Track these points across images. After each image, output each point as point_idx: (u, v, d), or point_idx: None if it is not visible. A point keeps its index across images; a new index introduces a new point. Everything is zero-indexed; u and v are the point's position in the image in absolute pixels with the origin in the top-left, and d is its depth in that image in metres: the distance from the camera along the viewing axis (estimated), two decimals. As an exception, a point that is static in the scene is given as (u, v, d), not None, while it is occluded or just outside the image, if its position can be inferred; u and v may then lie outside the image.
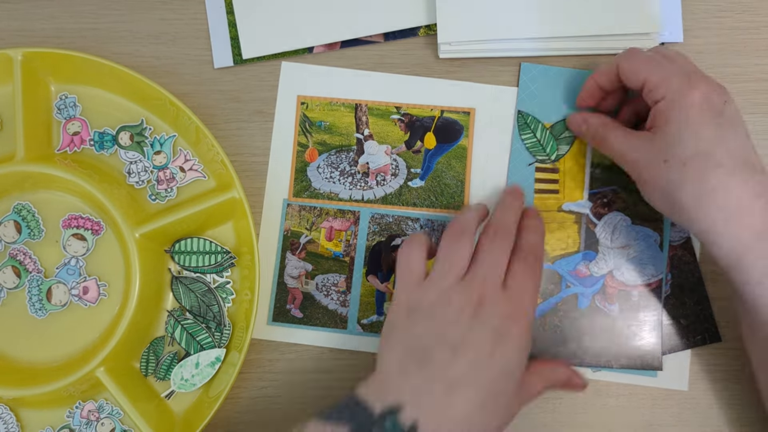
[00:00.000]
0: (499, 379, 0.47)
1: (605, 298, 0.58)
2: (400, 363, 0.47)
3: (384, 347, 0.49)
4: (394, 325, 0.50)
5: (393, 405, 0.45)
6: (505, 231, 0.52)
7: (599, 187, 0.59)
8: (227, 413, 0.58)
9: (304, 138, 0.60)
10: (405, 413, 0.45)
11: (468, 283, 0.49)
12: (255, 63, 0.61)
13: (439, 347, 0.47)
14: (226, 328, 0.57)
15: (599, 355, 0.57)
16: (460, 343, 0.47)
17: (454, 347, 0.47)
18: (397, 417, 0.45)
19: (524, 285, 0.50)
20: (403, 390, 0.46)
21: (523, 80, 0.60)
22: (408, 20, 0.60)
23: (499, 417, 0.48)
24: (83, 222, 0.58)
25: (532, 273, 0.51)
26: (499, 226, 0.52)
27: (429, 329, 0.48)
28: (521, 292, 0.50)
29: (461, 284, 0.49)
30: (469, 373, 0.46)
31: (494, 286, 0.49)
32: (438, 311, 0.48)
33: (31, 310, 0.57)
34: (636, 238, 0.58)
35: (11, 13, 0.61)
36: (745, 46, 0.60)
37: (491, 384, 0.47)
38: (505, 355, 0.47)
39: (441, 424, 0.45)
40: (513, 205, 0.54)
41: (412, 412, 0.45)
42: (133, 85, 0.58)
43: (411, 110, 0.60)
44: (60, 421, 0.57)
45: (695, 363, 0.58)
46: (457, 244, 0.51)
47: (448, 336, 0.47)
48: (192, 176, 0.59)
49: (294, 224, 0.60)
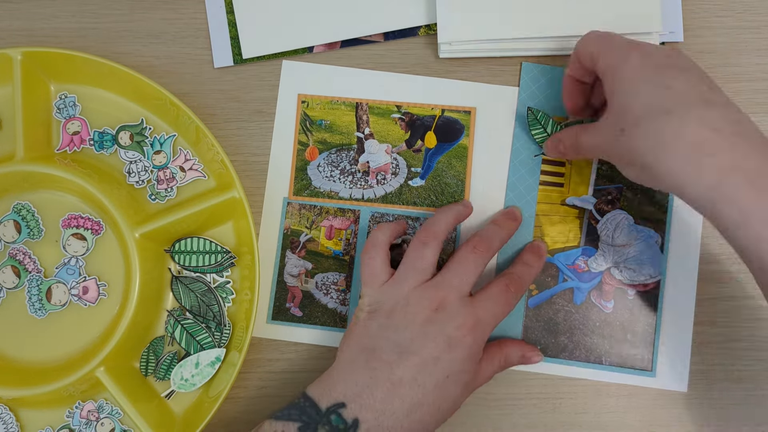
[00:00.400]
0: (442, 383, 0.49)
1: (601, 295, 0.58)
2: (351, 361, 0.50)
3: (342, 345, 0.52)
4: (354, 324, 0.52)
5: (338, 401, 0.48)
6: (485, 246, 0.53)
7: (605, 184, 0.59)
8: (227, 413, 0.58)
9: (304, 136, 0.60)
10: (348, 409, 0.48)
11: (429, 288, 0.51)
12: (255, 62, 0.61)
13: (387, 349, 0.49)
14: (226, 328, 0.57)
15: (590, 351, 0.58)
16: (408, 346, 0.49)
17: (401, 350, 0.49)
18: (341, 413, 0.48)
19: (492, 307, 0.52)
20: (348, 387, 0.49)
21: (524, 80, 0.59)
22: (408, 20, 0.60)
23: (440, 413, 0.50)
24: (83, 222, 0.58)
25: (506, 302, 0.52)
26: (481, 241, 0.53)
27: (382, 330, 0.50)
28: (486, 311, 0.51)
29: (422, 288, 0.51)
30: (412, 375, 0.49)
31: (458, 294, 0.51)
32: (395, 313, 0.50)
33: (31, 310, 0.57)
34: (637, 237, 0.58)
35: (12, 13, 0.61)
36: (746, 45, 0.60)
37: (434, 388, 0.49)
38: (452, 362, 0.49)
39: (381, 421, 0.48)
40: (504, 225, 0.56)
41: (355, 408, 0.48)
42: (132, 84, 0.58)
43: (412, 109, 0.60)
44: (60, 421, 0.57)
45: (695, 363, 0.58)
46: (423, 249, 0.52)
47: (397, 339, 0.49)
48: (192, 176, 0.59)
49: (294, 223, 0.60)
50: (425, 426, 0.49)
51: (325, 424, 0.48)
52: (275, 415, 0.49)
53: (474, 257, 0.52)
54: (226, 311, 0.58)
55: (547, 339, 0.58)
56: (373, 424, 0.48)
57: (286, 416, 0.49)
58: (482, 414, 0.58)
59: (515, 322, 0.58)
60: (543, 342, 0.58)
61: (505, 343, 0.56)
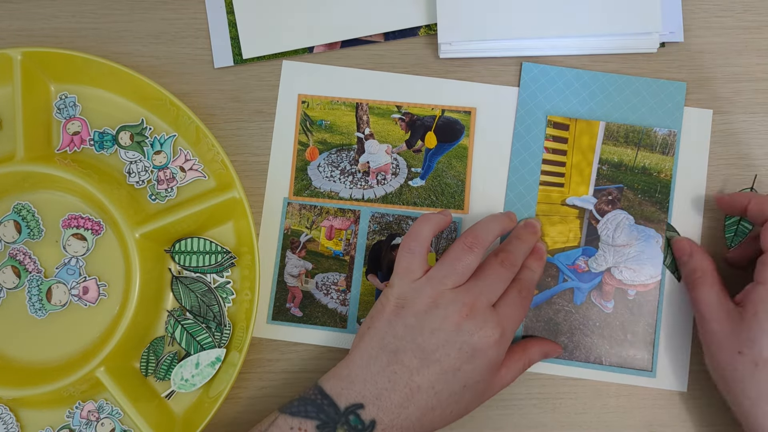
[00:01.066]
0: (459, 391, 0.50)
1: (601, 295, 0.58)
2: (371, 358, 0.50)
3: (363, 335, 0.51)
4: (380, 315, 0.51)
5: (357, 402, 0.49)
6: (512, 263, 0.54)
7: (605, 184, 0.59)
8: (227, 413, 0.58)
9: (304, 137, 0.60)
10: (366, 411, 0.48)
11: (462, 293, 0.51)
12: (255, 62, 0.61)
13: (410, 353, 0.49)
14: (227, 328, 0.57)
15: (590, 351, 0.58)
16: (432, 353, 0.49)
17: (424, 356, 0.49)
18: (359, 414, 0.48)
19: (513, 313, 0.52)
20: (367, 388, 0.49)
21: (525, 80, 0.59)
22: (408, 20, 0.60)
23: (451, 417, 0.51)
24: (83, 222, 0.58)
25: (522, 305, 0.53)
26: (509, 257, 0.54)
27: (408, 331, 0.50)
28: (508, 318, 0.52)
29: (456, 291, 0.51)
30: (430, 384, 0.49)
31: (486, 303, 0.51)
32: (425, 315, 0.50)
33: (31, 310, 0.57)
34: (638, 237, 0.58)
35: (12, 13, 0.61)
36: (746, 45, 0.60)
37: (449, 396, 0.50)
38: (472, 373, 0.50)
39: (396, 423, 0.49)
40: (527, 240, 0.56)
41: (373, 410, 0.48)
42: (133, 84, 0.58)
43: (412, 109, 0.60)
44: (60, 421, 0.57)
45: (695, 363, 0.58)
46: (467, 255, 0.52)
47: (423, 344, 0.49)
48: (192, 176, 0.59)
49: (294, 223, 0.60)
50: (434, 426, 0.50)
51: (344, 424, 0.48)
52: (290, 410, 0.49)
53: (503, 272, 0.53)
54: (227, 311, 0.58)
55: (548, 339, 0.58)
56: (388, 425, 0.48)
57: (303, 413, 0.49)
58: (483, 414, 0.58)
59: (515, 322, 0.58)
60: (543, 342, 0.58)
61: (528, 344, 0.56)
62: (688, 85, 0.59)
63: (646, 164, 0.58)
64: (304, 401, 0.49)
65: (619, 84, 0.59)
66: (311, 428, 0.48)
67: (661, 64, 0.60)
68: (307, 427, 0.48)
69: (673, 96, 0.59)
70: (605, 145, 0.59)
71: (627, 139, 0.59)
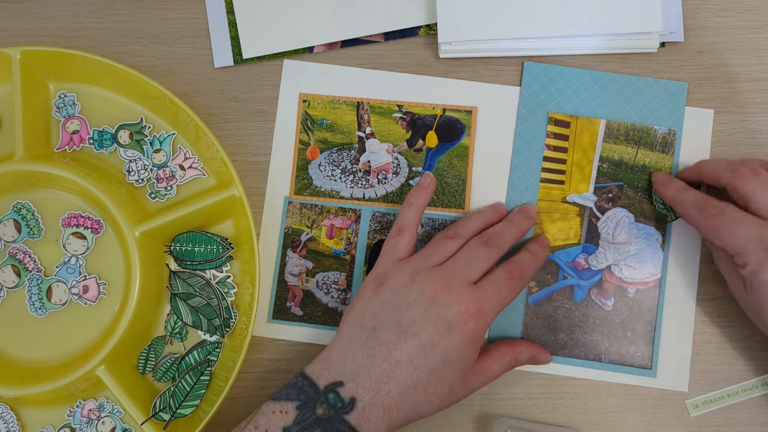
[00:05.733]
0: (439, 367, 0.49)
1: (601, 293, 0.58)
2: (351, 338, 0.50)
3: (345, 317, 0.52)
4: (360, 296, 0.52)
5: (336, 380, 0.49)
6: (497, 243, 0.54)
7: (606, 181, 0.59)
8: (227, 413, 0.58)
9: (305, 135, 0.60)
10: (346, 388, 0.48)
11: (439, 269, 0.52)
12: (255, 62, 0.61)
13: (387, 328, 0.50)
14: (227, 328, 0.57)
15: (590, 349, 0.58)
16: (408, 326, 0.49)
17: (401, 330, 0.49)
18: (338, 391, 0.48)
19: (496, 292, 0.52)
20: (346, 365, 0.49)
21: (526, 79, 0.60)
22: (408, 20, 0.60)
23: (436, 399, 0.50)
24: (83, 221, 0.58)
25: (509, 286, 0.52)
26: (493, 237, 0.54)
27: (385, 308, 0.50)
28: (489, 297, 0.51)
29: (432, 269, 0.52)
30: (408, 358, 0.49)
31: (464, 279, 0.51)
32: (401, 289, 0.51)
33: (31, 309, 0.57)
34: (638, 235, 0.58)
35: (12, 13, 0.61)
36: (746, 45, 0.60)
37: (429, 371, 0.49)
38: (450, 347, 0.49)
39: (376, 400, 0.48)
40: (518, 224, 0.56)
41: (352, 387, 0.48)
42: (132, 83, 0.58)
43: (413, 109, 0.60)
44: (60, 420, 0.57)
45: (695, 363, 0.58)
46: (446, 243, 0.54)
47: (399, 318, 0.50)
48: (192, 174, 0.59)
49: (295, 222, 0.60)
50: (418, 409, 0.50)
51: (323, 403, 0.48)
52: (273, 396, 0.50)
53: (485, 251, 0.53)
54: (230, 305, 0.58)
55: (547, 336, 0.58)
56: (369, 402, 0.48)
57: (284, 396, 0.49)
58: (482, 414, 0.58)
59: (515, 320, 0.58)
60: (543, 339, 0.58)
61: (516, 342, 0.56)
62: (688, 84, 0.59)
63: (646, 162, 0.58)
64: (287, 386, 0.50)
65: (621, 83, 0.59)
66: (292, 410, 0.48)
67: (662, 64, 0.60)
68: (287, 408, 0.48)
69: (675, 96, 0.59)
70: (606, 143, 0.59)
71: (627, 137, 0.59)
